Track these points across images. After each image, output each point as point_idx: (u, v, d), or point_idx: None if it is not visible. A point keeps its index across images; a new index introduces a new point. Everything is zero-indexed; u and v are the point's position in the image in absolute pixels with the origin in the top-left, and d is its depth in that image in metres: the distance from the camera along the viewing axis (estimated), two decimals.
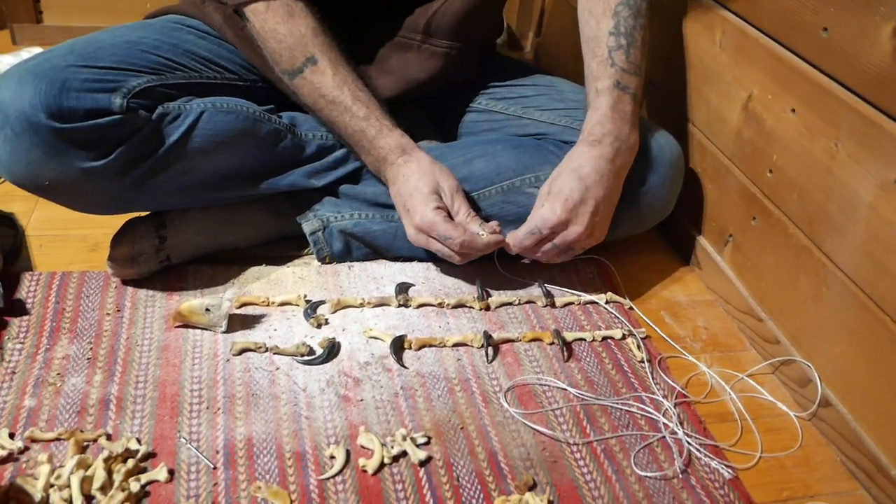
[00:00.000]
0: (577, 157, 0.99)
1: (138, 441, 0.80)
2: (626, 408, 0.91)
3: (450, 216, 0.99)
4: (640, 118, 1.12)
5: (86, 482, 0.74)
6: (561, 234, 0.98)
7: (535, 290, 1.09)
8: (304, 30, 0.98)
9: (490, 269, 1.12)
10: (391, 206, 1.08)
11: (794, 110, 0.97)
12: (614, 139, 0.99)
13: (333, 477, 0.79)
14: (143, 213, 1.05)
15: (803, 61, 0.94)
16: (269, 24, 0.98)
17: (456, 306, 1.04)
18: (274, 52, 0.99)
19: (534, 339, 1.00)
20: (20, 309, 0.96)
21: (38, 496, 0.72)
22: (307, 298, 1.03)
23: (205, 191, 1.01)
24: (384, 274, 1.09)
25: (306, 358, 0.93)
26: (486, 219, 1.03)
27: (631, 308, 1.09)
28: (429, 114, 1.23)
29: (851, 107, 0.87)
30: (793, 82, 0.96)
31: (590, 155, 0.98)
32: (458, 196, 1.00)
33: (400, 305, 1.03)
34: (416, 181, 0.99)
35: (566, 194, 0.96)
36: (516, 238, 0.99)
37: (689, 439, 0.87)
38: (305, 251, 1.11)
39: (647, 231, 1.19)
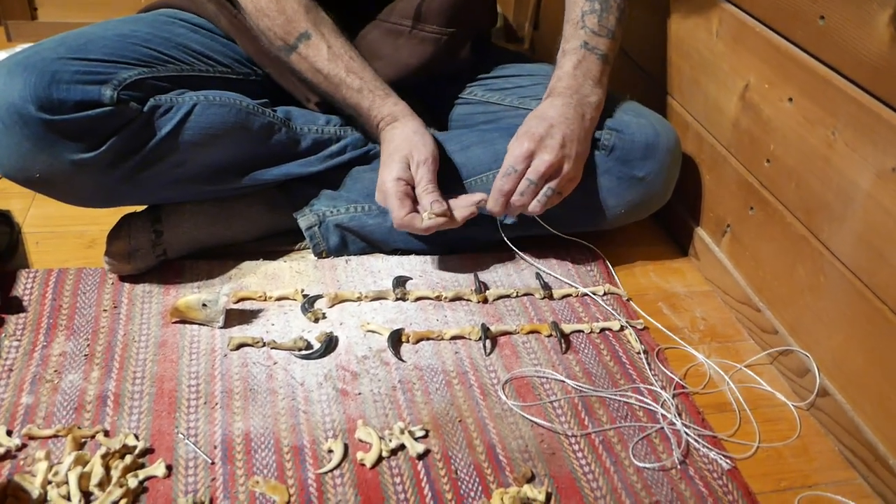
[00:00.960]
0: (541, 108, 1.02)
1: (136, 437, 0.80)
2: (625, 399, 0.91)
3: (406, 194, 0.98)
4: (636, 104, 1.12)
5: (84, 478, 0.74)
6: (532, 166, 0.97)
7: (532, 283, 1.09)
8: (296, 6, 0.99)
9: (487, 261, 1.12)
10: None
11: (791, 99, 0.96)
12: (574, 92, 1.02)
13: (332, 471, 0.79)
14: (138, 208, 1.05)
15: (801, 50, 0.94)
16: (261, 3, 0.99)
17: (453, 299, 1.04)
18: (268, 30, 1.00)
19: (532, 332, 1.00)
20: (17, 306, 0.96)
21: (35, 493, 0.72)
22: (304, 293, 1.02)
23: (198, 184, 1.01)
24: (381, 268, 1.09)
25: (304, 352, 0.93)
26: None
27: (628, 299, 1.09)
28: (426, 106, 1.23)
29: (849, 95, 0.87)
30: (790, 71, 0.96)
31: (551, 104, 1.01)
32: (423, 167, 0.99)
33: (397, 299, 1.03)
34: (395, 147, 0.99)
35: (531, 131, 0.98)
36: (495, 186, 0.98)
37: (687, 430, 0.87)
38: (299, 245, 1.11)
39: (644, 222, 1.19)
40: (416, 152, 0.99)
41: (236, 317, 0.98)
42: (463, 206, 1.00)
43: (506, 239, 1.09)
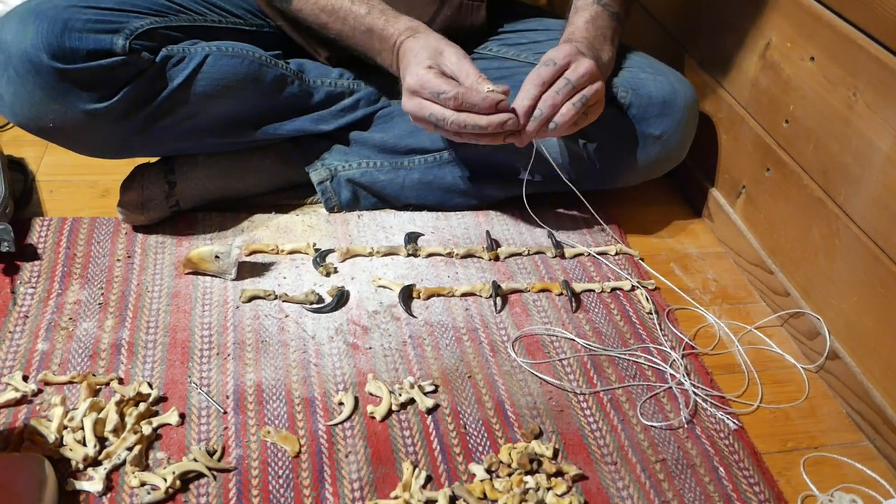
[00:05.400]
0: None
1: (150, 385, 0.81)
2: (634, 359, 0.92)
3: (445, 76, 0.91)
4: (654, 61, 1.10)
5: (98, 424, 0.76)
6: (573, 66, 0.91)
7: (544, 241, 1.09)
8: None
9: (500, 218, 1.11)
10: (399, 152, 1.07)
11: (813, 59, 0.94)
12: (589, 45, 0.98)
13: (342, 423, 0.80)
14: (152, 159, 1.04)
15: (824, 7, 0.92)
16: None
17: (465, 256, 1.04)
18: None
19: (542, 290, 1.00)
20: (31, 254, 0.97)
21: (51, 438, 0.74)
22: (316, 247, 1.03)
23: (210, 136, 1.00)
24: (393, 223, 1.09)
25: (315, 306, 0.93)
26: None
27: (640, 259, 1.08)
28: None
29: (872, 55, 0.85)
30: (813, 29, 0.94)
31: (567, 43, 0.97)
32: (464, 61, 0.92)
33: (409, 255, 1.03)
34: (418, 50, 0.93)
35: (563, 44, 0.94)
36: (531, 76, 0.91)
37: (695, 390, 0.88)
38: (311, 199, 1.11)
39: (658, 182, 1.18)
40: (448, 49, 0.93)
41: (248, 269, 0.98)
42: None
43: (528, 206, 1.07)
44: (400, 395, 0.83)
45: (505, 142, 0.92)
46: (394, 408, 0.82)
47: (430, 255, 1.04)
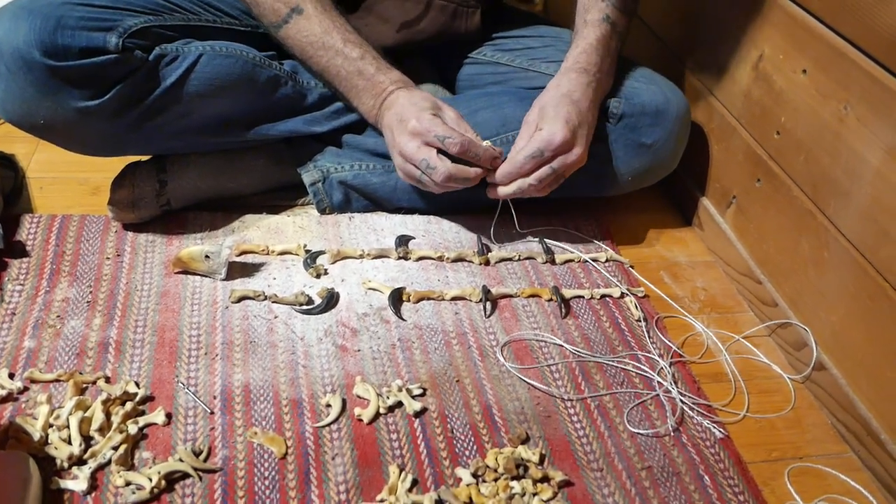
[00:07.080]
0: (566, 84, 0.99)
1: (137, 384, 0.81)
2: (622, 366, 0.92)
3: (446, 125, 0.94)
4: (647, 70, 1.11)
5: (84, 423, 0.75)
6: (560, 157, 0.94)
7: (535, 247, 1.09)
8: None
9: (490, 223, 1.11)
10: None
11: (805, 71, 0.95)
12: (597, 70, 1.00)
13: (329, 425, 0.80)
14: (142, 157, 1.04)
15: (818, 21, 0.92)
16: None
17: (455, 260, 1.04)
18: (258, 4, 0.98)
19: (532, 295, 1.00)
20: (20, 251, 0.97)
21: (37, 436, 0.74)
22: (307, 248, 1.02)
23: (203, 135, 1.00)
24: (384, 226, 1.09)
25: (305, 307, 0.93)
26: None
27: (630, 267, 1.09)
28: (433, 66, 1.21)
29: (863, 69, 0.85)
30: (806, 42, 0.95)
31: (578, 82, 0.98)
32: (462, 122, 0.96)
33: (399, 258, 1.03)
34: (418, 100, 0.95)
35: (565, 117, 0.94)
36: (515, 163, 0.95)
37: (682, 398, 0.88)
38: (302, 200, 1.11)
39: (649, 191, 1.18)
40: (447, 108, 0.97)
41: (238, 269, 0.98)
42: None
43: (516, 221, 1.08)
44: (388, 398, 0.83)
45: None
46: (381, 411, 0.82)
47: (420, 258, 1.04)
